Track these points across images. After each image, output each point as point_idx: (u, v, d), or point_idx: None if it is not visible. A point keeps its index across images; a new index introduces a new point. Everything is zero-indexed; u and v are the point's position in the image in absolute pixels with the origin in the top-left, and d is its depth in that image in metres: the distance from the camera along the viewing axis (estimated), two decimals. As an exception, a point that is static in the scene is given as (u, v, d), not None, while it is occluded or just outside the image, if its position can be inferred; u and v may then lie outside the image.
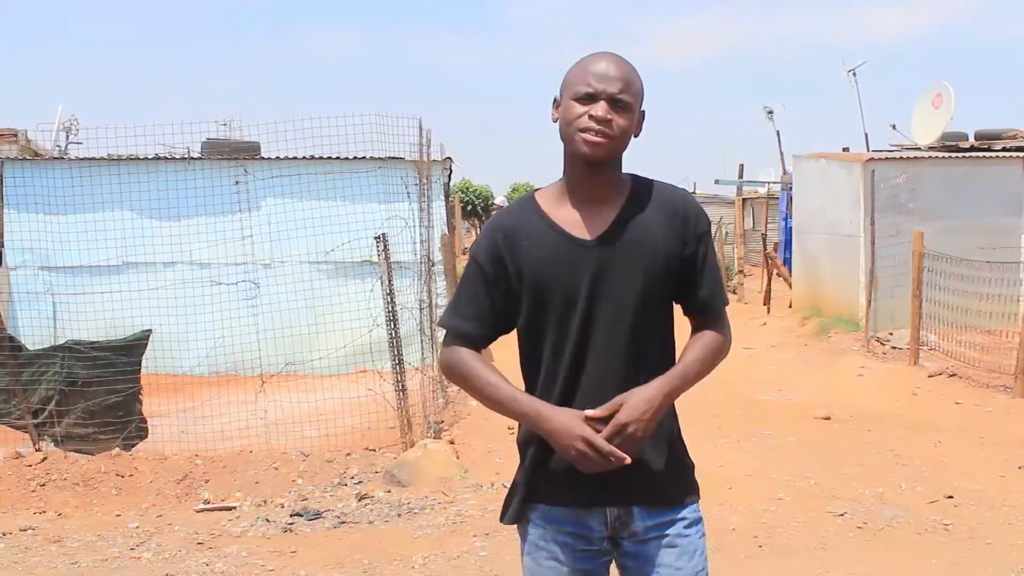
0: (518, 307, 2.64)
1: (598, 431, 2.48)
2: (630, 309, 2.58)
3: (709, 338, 2.68)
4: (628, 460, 2.45)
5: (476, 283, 2.66)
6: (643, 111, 2.62)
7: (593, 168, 2.56)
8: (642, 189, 2.65)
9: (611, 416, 2.49)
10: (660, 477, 2.62)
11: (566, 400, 2.58)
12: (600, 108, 2.48)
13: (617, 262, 2.56)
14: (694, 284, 2.66)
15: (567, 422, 2.49)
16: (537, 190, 2.73)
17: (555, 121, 2.61)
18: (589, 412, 2.49)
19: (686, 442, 2.76)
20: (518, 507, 2.74)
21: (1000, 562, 5.94)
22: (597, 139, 2.49)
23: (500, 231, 2.64)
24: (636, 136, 2.61)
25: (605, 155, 2.52)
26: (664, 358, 2.65)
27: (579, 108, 2.51)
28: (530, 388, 2.68)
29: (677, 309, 2.73)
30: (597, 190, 2.60)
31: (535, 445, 2.66)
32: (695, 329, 2.74)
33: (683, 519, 2.65)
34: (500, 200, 33.76)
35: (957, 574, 5.78)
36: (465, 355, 2.70)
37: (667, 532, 2.63)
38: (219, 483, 8.23)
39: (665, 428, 2.63)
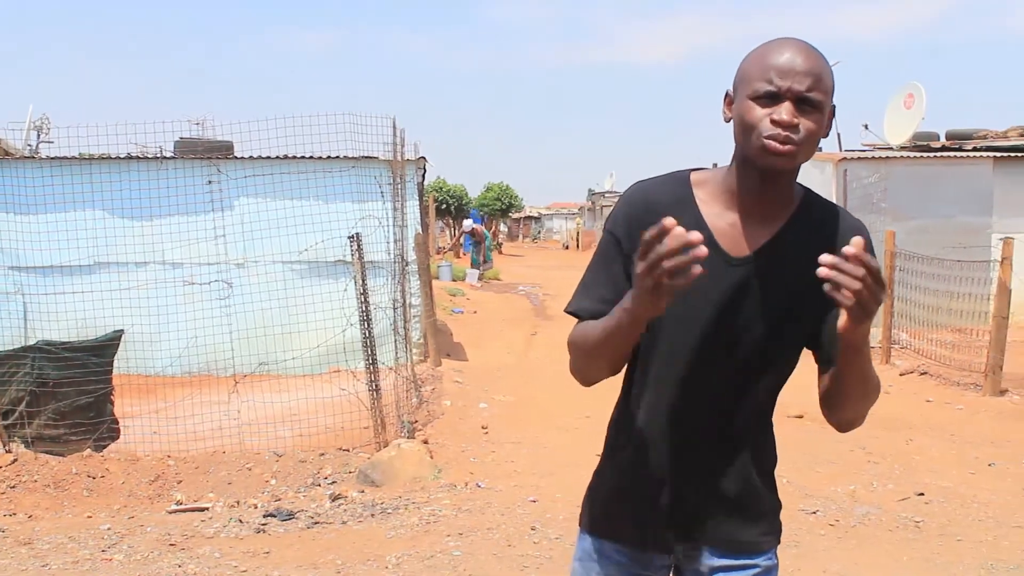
0: None
1: None
2: (759, 336, 2.25)
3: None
4: (702, 245, 1.85)
5: (613, 258, 2.27)
6: (833, 106, 2.17)
7: (768, 179, 2.18)
8: (812, 210, 2.28)
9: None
10: (738, 520, 2.37)
11: (653, 412, 2.33)
12: (785, 111, 2.06)
13: (758, 288, 2.22)
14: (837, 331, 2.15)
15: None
16: (694, 170, 2.32)
17: (727, 120, 2.21)
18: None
19: None
20: (594, 522, 2.52)
21: (970, 558, 5.99)
22: (781, 147, 2.07)
23: (644, 204, 2.25)
24: (825, 136, 2.19)
25: (787, 166, 2.12)
26: (769, 404, 2.38)
27: (759, 110, 2.10)
28: (627, 385, 2.41)
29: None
30: (762, 201, 2.22)
31: (607, 454, 2.47)
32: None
33: (755, 566, 2.38)
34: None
35: (928, 570, 5.82)
36: (579, 326, 2.30)
37: None
38: (192, 484, 8.20)
39: (753, 463, 2.37)
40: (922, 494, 7.35)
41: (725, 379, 2.27)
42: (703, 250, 1.84)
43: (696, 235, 1.84)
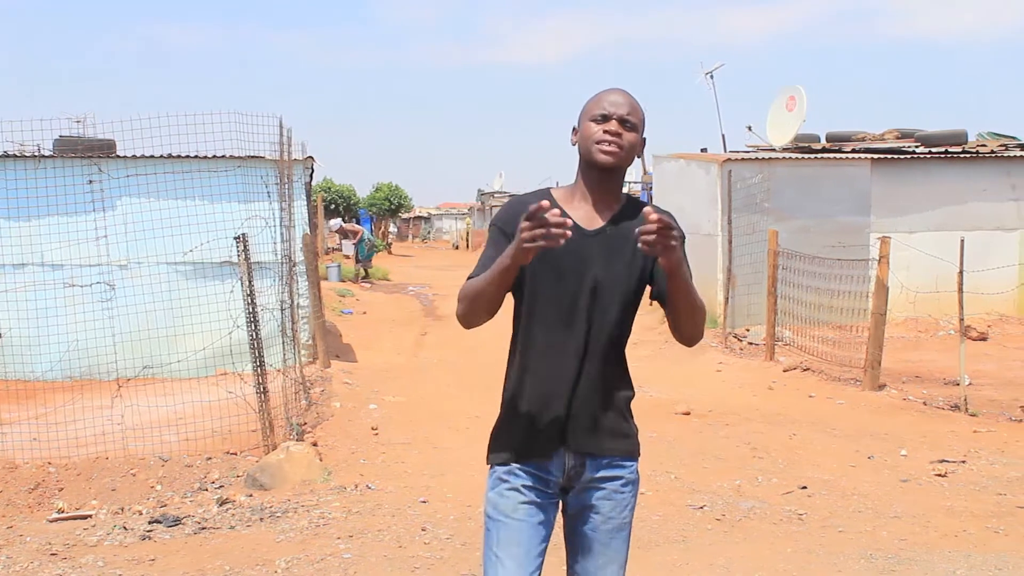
0: (523, 273, 3.07)
1: None
2: (618, 287, 3.10)
3: None
4: (568, 220, 2.69)
5: (497, 244, 3.08)
6: (644, 138, 3.17)
7: (604, 174, 3.10)
8: (634, 202, 3.19)
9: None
10: (607, 435, 3.14)
11: (541, 351, 3.11)
12: (613, 124, 3.05)
13: (608, 252, 3.09)
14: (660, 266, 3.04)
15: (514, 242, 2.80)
16: (552, 188, 3.24)
17: (574, 144, 3.17)
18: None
19: None
20: (502, 451, 3.18)
21: (851, 548, 6.16)
22: (611, 148, 3.04)
23: (520, 206, 3.01)
24: (640, 156, 3.25)
25: (616, 162, 3.07)
26: (625, 339, 3.18)
27: (595, 127, 3.07)
28: (514, 338, 3.18)
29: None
30: (602, 195, 3.14)
31: (508, 401, 3.18)
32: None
33: (621, 478, 3.18)
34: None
35: (811, 561, 5.96)
36: (467, 283, 3.08)
37: (605, 487, 3.16)
38: (74, 491, 8.00)
39: (619, 396, 3.17)
40: (805, 487, 7.53)
41: (594, 317, 3.09)
42: (568, 222, 2.68)
43: (564, 220, 2.68)
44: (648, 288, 3.21)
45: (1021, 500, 7.22)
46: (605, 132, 3.05)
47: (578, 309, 3.08)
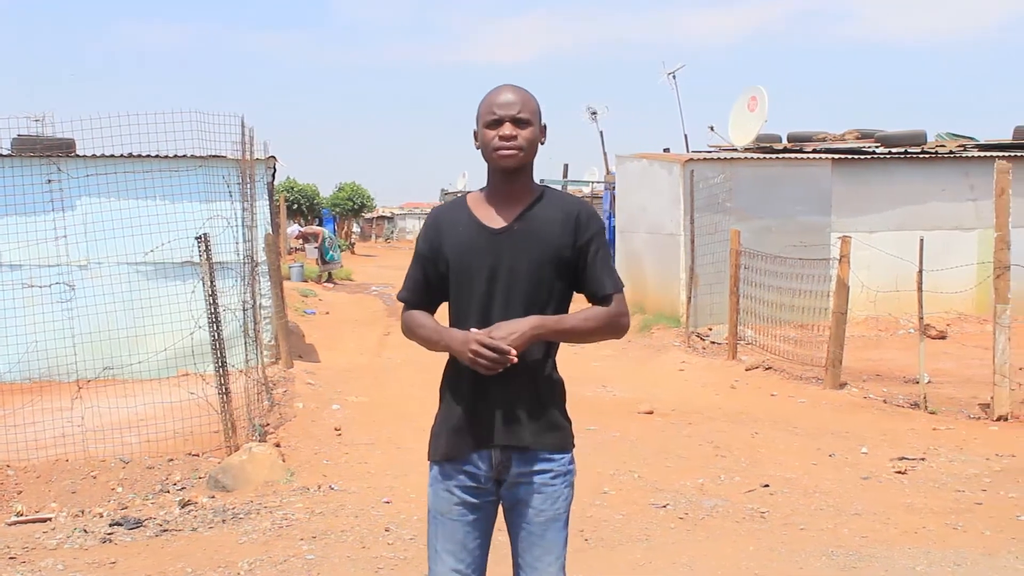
0: (447, 280, 3.29)
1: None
2: (523, 283, 3.19)
3: (597, 308, 3.29)
4: (514, 356, 3.05)
5: (415, 263, 3.37)
6: (544, 124, 3.29)
7: (509, 175, 3.23)
8: (547, 195, 3.31)
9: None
10: (532, 430, 3.23)
11: None
12: (506, 128, 3.15)
13: (516, 247, 3.20)
14: (586, 273, 3.27)
15: (461, 336, 3.12)
16: (470, 192, 3.40)
17: (478, 148, 3.27)
18: (474, 331, 3.11)
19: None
20: (437, 450, 3.39)
21: (813, 546, 6.20)
22: (509, 152, 3.16)
23: (433, 221, 3.37)
24: (543, 144, 3.31)
25: (517, 164, 3.20)
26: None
27: (491, 133, 3.18)
28: None
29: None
30: (509, 194, 3.26)
31: (442, 401, 3.37)
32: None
33: (551, 471, 3.26)
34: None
35: (773, 559, 6.00)
36: (409, 313, 3.39)
37: (534, 481, 3.25)
38: (33, 494, 7.92)
39: (544, 389, 3.29)
40: (767, 485, 7.57)
41: (508, 312, 3.17)
42: (513, 355, 3.05)
43: (507, 347, 3.04)
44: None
45: (979, 496, 7.30)
46: (501, 139, 3.16)
47: (490, 306, 3.20)
